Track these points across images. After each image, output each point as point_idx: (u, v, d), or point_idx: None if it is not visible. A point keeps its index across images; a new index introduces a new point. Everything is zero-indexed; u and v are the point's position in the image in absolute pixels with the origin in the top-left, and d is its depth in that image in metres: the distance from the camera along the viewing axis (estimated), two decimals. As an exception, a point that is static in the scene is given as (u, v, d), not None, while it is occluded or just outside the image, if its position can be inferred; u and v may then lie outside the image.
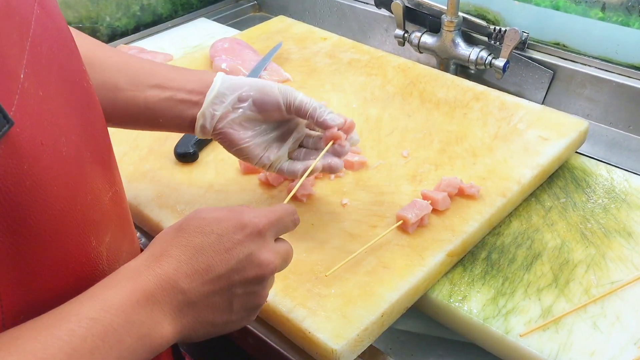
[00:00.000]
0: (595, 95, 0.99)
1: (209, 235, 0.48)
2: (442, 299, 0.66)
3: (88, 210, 0.43)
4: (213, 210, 0.50)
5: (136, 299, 0.43)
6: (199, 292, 0.46)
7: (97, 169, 0.46)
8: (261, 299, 0.52)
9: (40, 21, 0.41)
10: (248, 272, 0.49)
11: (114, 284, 0.43)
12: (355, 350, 0.60)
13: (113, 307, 0.41)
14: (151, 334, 0.43)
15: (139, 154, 0.85)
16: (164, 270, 0.45)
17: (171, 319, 0.45)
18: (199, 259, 0.46)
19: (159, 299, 0.44)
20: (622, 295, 0.65)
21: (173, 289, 0.45)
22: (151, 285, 0.44)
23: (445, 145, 0.84)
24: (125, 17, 1.30)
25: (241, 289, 0.49)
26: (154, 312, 0.43)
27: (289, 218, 0.54)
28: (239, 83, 0.67)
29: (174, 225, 0.50)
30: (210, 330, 0.49)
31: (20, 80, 0.37)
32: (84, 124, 0.45)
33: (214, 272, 0.47)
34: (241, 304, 0.50)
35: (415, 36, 1.12)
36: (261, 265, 0.49)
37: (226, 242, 0.48)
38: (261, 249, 0.50)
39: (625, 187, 0.80)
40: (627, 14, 0.95)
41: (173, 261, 0.46)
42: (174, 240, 0.47)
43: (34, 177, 0.37)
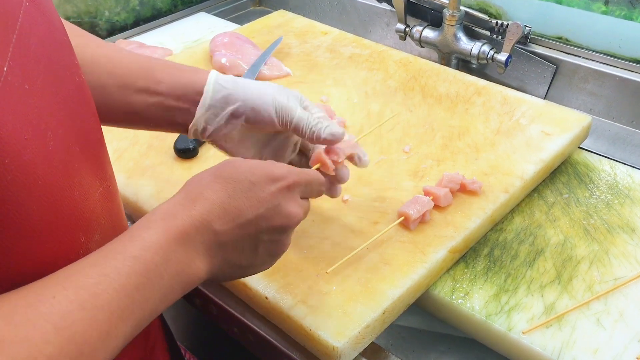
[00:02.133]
0: (598, 89, 0.99)
1: (243, 182, 0.50)
2: (444, 296, 0.66)
3: (76, 206, 0.43)
4: (246, 161, 0.52)
5: (173, 238, 0.45)
6: (229, 234, 0.48)
7: (86, 165, 0.45)
8: (284, 246, 0.54)
9: (29, 15, 0.41)
10: (275, 221, 0.51)
11: (151, 224, 0.45)
12: (356, 348, 0.60)
13: (153, 246, 0.44)
14: (186, 270, 0.46)
15: (138, 149, 0.85)
16: (198, 212, 0.47)
17: (203, 257, 0.47)
18: (231, 203, 0.49)
19: (193, 238, 0.46)
20: (626, 291, 0.65)
21: (206, 229, 0.47)
22: (186, 225, 0.46)
23: (447, 140, 0.83)
24: (125, 11, 1.29)
25: (267, 236, 0.51)
26: (189, 250, 0.46)
27: (317, 186, 0.56)
28: (233, 96, 0.62)
29: (209, 170, 0.51)
30: (236, 271, 0.52)
31: (4, 73, 0.37)
32: (73, 119, 0.44)
33: (244, 216, 0.49)
34: (265, 249, 0.52)
35: (417, 30, 1.11)
36: (288, 216, 0.52)
37: (258, 191, 0.50)
38: (289, 201, 0.52)
39: (629, 183, 0.79)
40: (630, 7, 0.94)
41: (207, 203, 0.48)
42: (209, 184, 0.49)
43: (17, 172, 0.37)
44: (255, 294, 0.63)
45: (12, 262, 0.39)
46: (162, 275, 0.44)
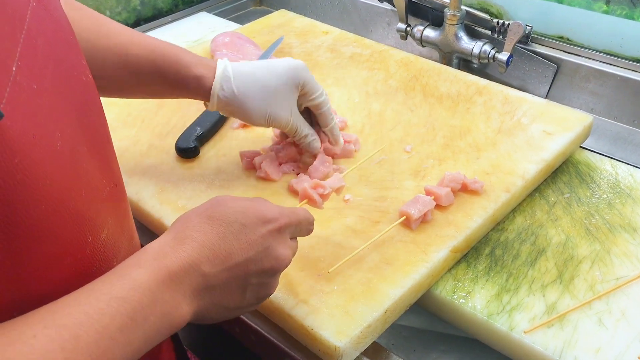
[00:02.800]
0: (599, 89, 0.99)
1: (233, 224, 0.49)
2: (446, 296, 0.66)
3: (83, 206, 0.43)
4: (237, 200, 0.52)
5: (162, 279, 0.45)
6: (218, 277, 0.48)
7: (94, 164, 0.45)
8: (271, 289, 0.54)
9: (37, 14, 0.41)
10: (265, 264, 0.51)
11: (141, 263, 0.45)
12: (358, 347, 0.60)
13: (141, 287, 0.43)
14: (172, 312, 0.45)
15: (139, 149, 0.85)
16: (187, 254, 0.47)
17: (190, 300, 0.47)
18: (221, 246, 0.48)
19: (182, 280, 0.46)
20: (628, 291, 0.65)
21: (195, 272, 0.47)
22: (175, 267, 0.46)
23: (449, 140, 0.83)
24: (126, 11, 1.29)
25: (256, 279, 0.51)
26: (176, 292, 0.45)
27: (307, 226, 0.57)
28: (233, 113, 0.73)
29: (199, 209, 0.51)
30: (222, 313, 0.51)
31: (12, 73, 0.37)
32: (81, 118, 0.44)
33: (234, 259, 0.49)
34: (253, 292, 0.52)
35: (418, 30, 1.11)
36: (277, 259, 0.52)
37: (249, 233, 0.50)
38: (279, 244, 0.52)
39: (630, 182, 0.79)
40: (632, 7, 0.94)
41: (197, 245, 0.47)
42: (198, 226, 0.49)
43: (26, 172, 0.37)
44: (256, 293, 0.63)
45: (19, 261, 0.39)
46: (148, 317, 0.43)
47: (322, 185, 0.65)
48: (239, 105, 0.70)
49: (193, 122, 0.86)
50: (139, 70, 0.69)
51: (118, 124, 0.89)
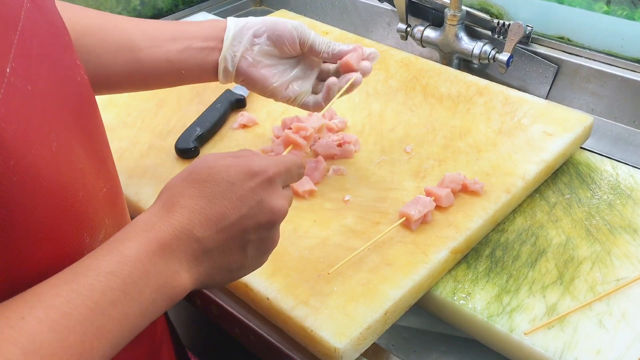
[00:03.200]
0: (599, 89, 0.99)
1: (220, 183, 0.48)
2: (446, 297, 0.66)
3: (80, 207, 0.43)
4: (221, 158, 0.50)
5: (152, 250, 0.43)
6: (213, 239, 0.46)
7: (90, 165, 0.45)
8: (273, 242, 0.52)
9: (31, 15, 0.40)
10: (260, 218, 0.49)
11: (129, 236, 0.44)
12: (358, 349, 0.60)
13: (131, 260, 0.42)
14: (169, 283, 0.44)
15: (139, 149, 0.84)
16: (177, 221, 0.45)
17: (187, 267, 0.45)
18: (211, 208, 0.47)
19: (175, 249, 0.44)
20: (628, 292, 0.65)
21: (188, 238, 0.45)
22: (166, 236, 0.44)
23: (449, 140, 0.83)
24: (126, 11, 1.29)
25: (254, 235, 0.49)
26: (171, 261, 0.44)
27: (296, 170, 0.54)
28: (252, 22, 0.70)
29: (182, 174, 0.49)
30: (226, 275, 0.49)
31: (6, 74, 0.36)
32: (76, 120, 0.44)
33: (227, 219, 0.47)
34: (255, 249, 0.50)
35: (418, 30, 1.11)
36: (272, 211, 0.50)
37: (237, 190, 0.48)
38: (272, 195, 0.50)
39: (631, 183, 0.79)
40: (632, 7, 0.94)
41: (186, 211, 0.46)
42: (185, 190, 0.47)
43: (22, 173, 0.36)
44: (256, 294, 0.63)
45: (17, 263, 0.39)
46: (142, 289, 0.42)
47: (303, 127, 0.64)
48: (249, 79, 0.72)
49: (193, 122, 0.86)
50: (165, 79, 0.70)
51: (118, 124, 0.89)
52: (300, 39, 0.70)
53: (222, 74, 0.70)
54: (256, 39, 0.70)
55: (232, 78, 0.71)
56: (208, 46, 0.69)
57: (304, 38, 0.70)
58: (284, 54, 0.71)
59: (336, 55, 0.71)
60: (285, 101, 0.72)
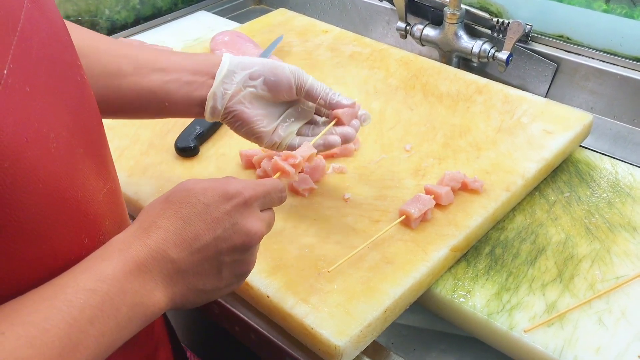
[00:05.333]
0: (599, 88, 0.99)
1: (196, 205, 0.48)
2: (446, 295, 0.66)
3: (79, 208, 0.43)
4: (199, 181, 0.51)
5: (129, 269, 0.44)
6: (187, 260, 0.47)
7: (90, 165, 0.45)
8: (249, 265, 0.52)
9: (31, 15, 0.40)
10: (235, 240, 0.49)
11: (106, 255, 0.44)
12: (358, 347, 0.60)
13: (108, 278, 0.42)
14: (144, 302, 0.44)
15: (139, 148, 0.84)
16: (153, 241, 0.46)
17: (162, 287, 0.46)
18: (186, 229, 0.47)
19: (150, 269, 0.45)
20: (628, 290, 0.65)
21: (163, 258, 0.46)
22: (142, 256, 0.45)
23: (449, 139, 0.83)
24: (125, 10, 1.29)
25: (229, 257, 0.50)
26: (146, 281, 0.45)
27: (277, 194, 0.54)
28: (249, 62, 0.67)
29: (161, 197, 0.50)
30: (201, 296, 0.50)
31: (3, 76, 0.36)
32: (76, 120, 0.44)
33: (201, 240, 0.48)
34: (229, 271, 0.50)
35: (418, 29, 1.11)
36: (248, 233, 0.50)
37: (213, 212, 0.48)
38: (247, 218, 0.50)
39: (630, 181, 0.79)
40: (632, 5, 0.94)
41: (161, 232, 0.46)
42: (162, 212, 0.48)
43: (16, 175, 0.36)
44: (256, 292, 0.63)
45: (14, 265, 0.39)
46: (119, 307, 0.42)
47: (292, 155, 0.63)
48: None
49: (192, 121, 0.86)
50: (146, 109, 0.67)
51: (118, 123, 0.89)
52: (297, 84, 0.66)
53: (209, 111, 0.65)
54: (251, 80, 0.66)
55: (219, 116, 0.66)
56: (197, 80, 0.65)
57: (301, 84, 0.67)
58: (278, 99, 0.68)
59: (332, 105, 0.68)
60: (270, 146, 0.68)
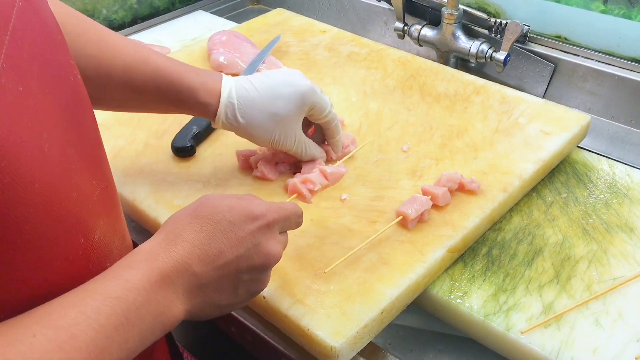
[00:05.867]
0: (596, 88, 0.99)
1: (222, 222, 0.50)
2: (443, 295, 0.66)
3: (74, 208, 0.43)
4: (225, 198, 0.52)
5: (154, 280, 0.45)
6: (209, 275, 0.49)
7: (84, 165, 0.45)
8: (263, 284, 0.55)
9: (23, 14, 0.40)
10: (255, 260, 0.51)
11: (134, 265, 0.46)
12: (354, 348, 0.60)
13: (135, 287, 0.44)
14: (165, 312, 0.46)
15: (135, 148, 0.84)
16: (179, 254, 0.47)
17: (183, 299, 0.47)
18: (211, 245, 0.49)
19: (174, 280, 0.47)
20: (625, 291, 0.65)
21: (187, 271, 0.47)
22: (167, 267, 0.46)
23: (446, 139, 0.83)
24: (122, 9, 1.28)
25: (247, 275, 0.52)
26: (169, 292, 0.46)
27: (295, 219, 0.57)
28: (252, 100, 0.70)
29: (188, 209, 0.52)
30: (215, 310, 0.52)
31: None
32: (69, 120, 0.44)
33: (224, 257, 0.49)
34: (245, 289, 0.53)
35: (415, 29, 1.11)
36: (267, 255, 0.52)
37: (237, 231, 0.50)
38: (269, 240, 0.53)
39: (627, 182, 0.79)
40: (629, 6, 0.94)
41: (187, 245, 0.48)
42: (188, 225, 0.49)
43: (12, 175, 0.36)
44: (252, 293, 0.63)
45: (9, 264, 0.38)
46: (143, 316, 0.44)
47: (311, 180, 0.66)
48: (244, 131, 0.71)
49: (189, 121, 0.86)
50: (143, 91, 0.69)
51: (114, 123, 0.89)
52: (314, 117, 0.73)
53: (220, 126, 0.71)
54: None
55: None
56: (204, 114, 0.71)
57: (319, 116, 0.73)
58: None
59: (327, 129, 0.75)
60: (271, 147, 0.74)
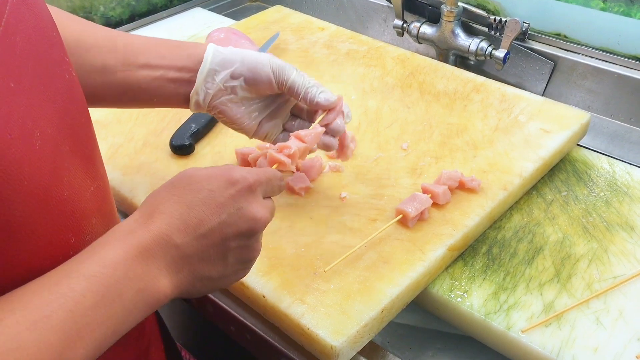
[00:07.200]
0: (596, 86, 0.98)
1: (201, 191, 0.48)
2: (443, 294, 0.65)
3: (65, 206, 0.42)
4: (203, 169, 0.50)
5: (132, 255, 0.44)
6: (192, 246, 0.47)
7: (77, 163, 0.45)
8: (254, 252, 0.52)
9: (16, 11, 0.40)
10: (240, 226, 0.49)
11: (110, 241, 0.44)
12: (354, 347, 0.59)
13: (111, 264, 0.42)
14: (149, 287, 0.44)
15: (134, 146, 0.84)
16: (157, 226, 0.46)
17: (167, 273, 0.46)
18: (190, 214, 0.47)
19: (154, 254, 0.45)
20: (625, 290, 0.64)
21: (167, 243, 0.46)
22: (146, 241, 0.45)
23: (446, 137, 0.83)
24: (120, 6, 1.28)
25: (235, 242, 0.49)
26: (150, 266, 0.44)
27: (277, 182, 0.55)
28: (231, 59, 0.66)
29: (165, 184, 0.50)
30: (208, 284, 0.50)
31: None
32: (63, 117, 0.43)
33: (206, 225, 0.47)
34: (235, 257, 0.50)
35: (415, 26, 1.10)
36: (253, 218, 0.50)
37: (218, 197, 0.48)
38: (252, 203, 0.50)
39: (627, 180, 0.79)
40: (629, 4, 0.94)
41: (165, 217, 0.46)
42: (165, 198, 0.48)
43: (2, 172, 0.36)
44: (252, 292, 0.63)
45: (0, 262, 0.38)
46: (122, 293, 0.42)
47: (287, 146, 0.63)
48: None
49: (188, 118, 0.86)
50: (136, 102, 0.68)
51: (112, 120, 0.88)
52: (278, 81, 0.66)
53: (194, 106, 0.67)
54: (233, 80, 0.66)
55: (204, 110, 0.68)
56: (182, 77, 0.65)
57: (283, 80, 0.66)
58: (260, 95, 0.68)
59: (313, 106, 0.67)
60: (257, 138, 0.70)
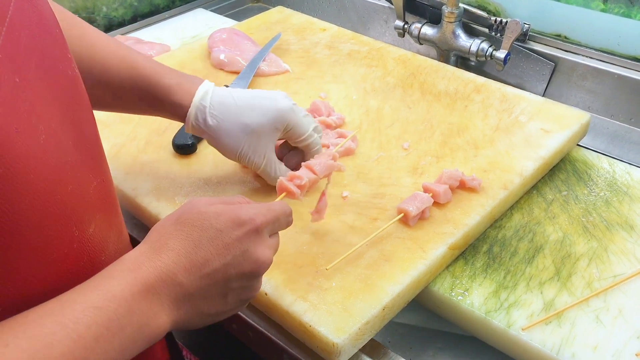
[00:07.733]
0: (596, 87, 0.99)
1: (208, 230, 0.48)
2: (444, 292, 0.66)
3: (69, 200, 0.43)
4: (210, 204, 0.50)
5: (137, 290, 0.44)
6: (196, 285, 0.47)
7: (80, 158, 0.45)
8: (254, 291, 0.53)
9: (20, 7, 0.40)
10: (244, 267, 0.50)
11: (116, 274, 0.44)
12: (356, 344, 0.60)
13: (116, 298, 0.42)
14: (149, 323, 0.44)
15: (136, 145, 0.84)
16: (163, 263, 0.46)
17: (168, 310, 0.46)
18: (197, 253, 0.47)
19: (158, 291, 0.45)
20: (625, 288, 0.65)
21: (172, 281, 0.46)
22: (151, 278, 0.45)
23: (447, 137, 0.83)
24: (122, 7, 1.28)
25: (237, 283, 0.50)
26: (153, 303, 0.45)
27: (285, 219, 0.55)
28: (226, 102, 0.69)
29: (172, 216, 0.50)
30: (205, 319, 0.50)
31: None
32: (66, 112, 0.44)
33: (211, 266, 0.48)
34: (235, 296, 0.51)
35: (416, 27, 1.11)
36: (257, 261, 0.50)
37: (224, 238, 0.49)
38: (258, 245, 0.51)
39: (627, 180, 0.79)
40: (629, 5, 0.94)
41: (172, 254, 0.46)
42: (174, 233, 0.48)
43: (7, 165, 0.36)
44: (254, 290, 0.63)
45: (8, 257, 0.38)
46: (124, 327, 0.42)
47: (298, 176, 0.63)
48: (212, 136, 0.69)
49: (190, 118, 0.86)
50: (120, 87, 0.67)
51: (115, 120, 0.89)
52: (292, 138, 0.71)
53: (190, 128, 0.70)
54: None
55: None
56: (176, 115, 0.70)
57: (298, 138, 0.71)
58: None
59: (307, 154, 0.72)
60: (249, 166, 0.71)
